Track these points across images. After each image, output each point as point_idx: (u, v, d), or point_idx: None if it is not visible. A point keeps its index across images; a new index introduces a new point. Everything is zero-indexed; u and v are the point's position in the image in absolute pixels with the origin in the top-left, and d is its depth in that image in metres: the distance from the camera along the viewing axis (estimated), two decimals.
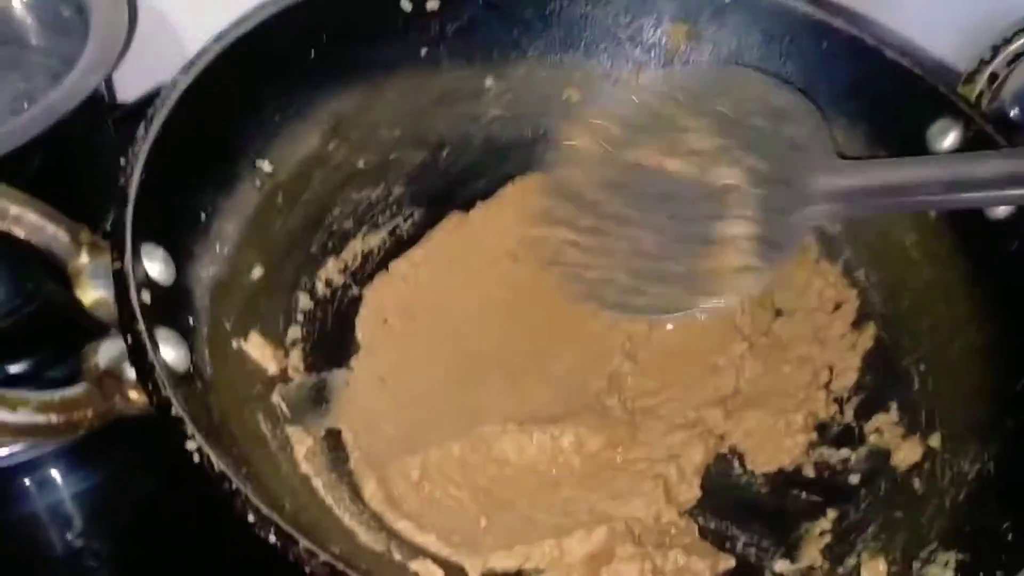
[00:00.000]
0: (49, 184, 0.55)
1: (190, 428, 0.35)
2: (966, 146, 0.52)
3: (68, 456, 0.55)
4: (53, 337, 0.59)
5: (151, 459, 0.55)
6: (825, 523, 0.48)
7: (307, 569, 0.33)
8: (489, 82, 0.60)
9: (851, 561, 0.44)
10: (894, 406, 0.52)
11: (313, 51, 0.54)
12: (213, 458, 0.35)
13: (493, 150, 0.61)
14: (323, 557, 0.33)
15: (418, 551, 0.44)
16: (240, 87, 0.50)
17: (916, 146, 0.54)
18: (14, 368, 0.57)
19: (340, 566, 0.33)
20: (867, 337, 0.55)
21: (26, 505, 0.55)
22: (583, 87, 0.62)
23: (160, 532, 0.54)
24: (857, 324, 0.56)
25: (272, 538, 0.33)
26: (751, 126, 0.52)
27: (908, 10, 0.63)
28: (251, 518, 0.34)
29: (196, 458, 0.35)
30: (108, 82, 0.64)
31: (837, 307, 0.57)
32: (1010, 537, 0.40)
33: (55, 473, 0.55)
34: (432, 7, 0.57)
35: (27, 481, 0.55)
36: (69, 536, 0.53)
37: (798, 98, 0.55)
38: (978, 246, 0.51)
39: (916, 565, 0.42)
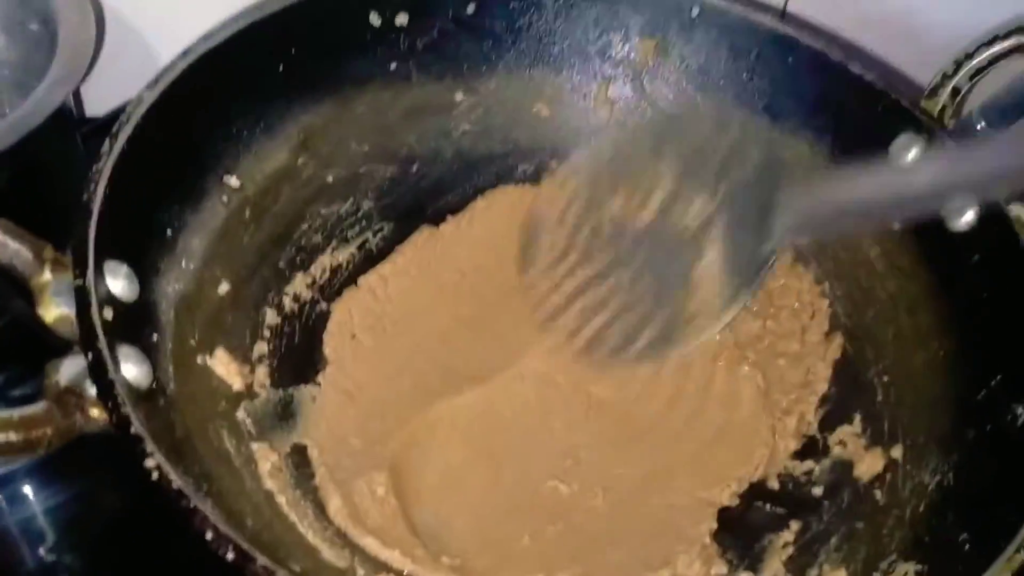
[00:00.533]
0: (17, 199, 0.55)
1: (149, 446, 0.35)
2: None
3: (40, 471, 0.55)
4: (19, 355, 0.58)
5: (123, 474, 0.55)
6: (788, 535, 0.48)
7: None
8: (459, 96, 0.61)
9: (813, 572, 0.45)
10: (857, 417, 0.52)
11: (281, 66, 0.54)
12: (172, 476, 0.35)
13: (463, 164, 0.61)
14: (280, 574, 0.33)
15: (382, 567, 0.44)
16: (207, 102, 0.50)
17: (879, 159, 0.54)
18: None
19: None
20: (835, 348, 0.55)
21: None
22: (553, 102, 0.62)
23: (132, 547, 0.54)
24: (827, 334, 0.56)
25: (230, 555, 0.33)
26: (710, 163, 0.51)
27: (873, 25, 0.64)
28: (209, 535, 0.34)
29: (155, 476, 0.35)
30: (77, 96, 0.64)
31: (812, 316, 0.57)
32: (967, 548, 0.40)
33: (27, 488, 0.55)
34: (401, 22, 0.57)
35: None
36: (41, 551, 0.53)
37: (746, 129, 0.54)
38: (941, 258, 0.52)
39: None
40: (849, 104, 0.56)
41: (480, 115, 0.61)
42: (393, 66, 0.58)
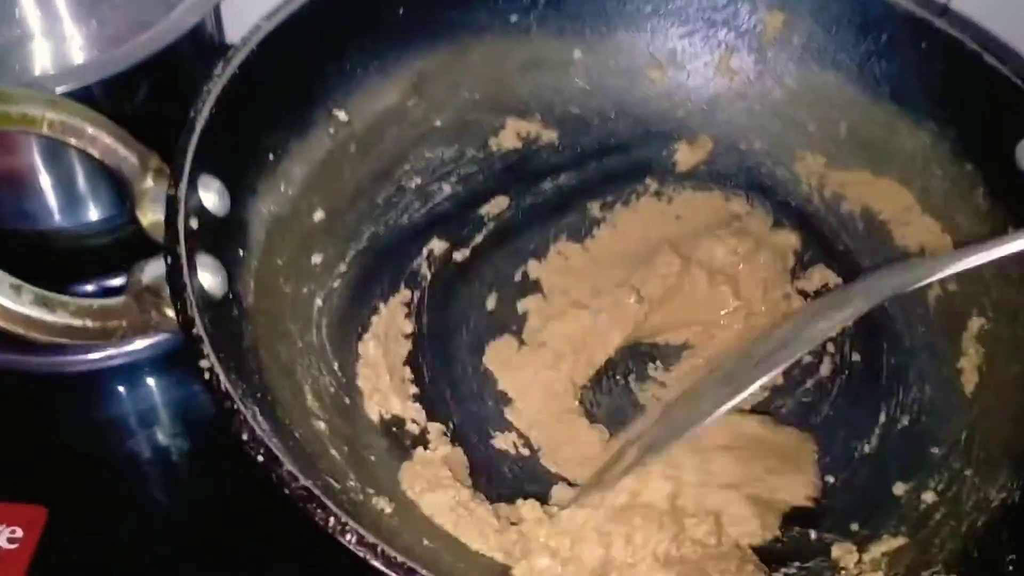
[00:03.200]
0: (157, 116, 0.58)
1: (206, 348, 0.38)
2: None
3: (160, 363, 0.58)
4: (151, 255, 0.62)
5: None
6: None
7: (286, 491, 0.35)
8: (577, 54, 0.61)
9: (851, 570, 0.43)
10: None
11: (402, 8, 0.55)
12: (221, 377, 0.37)
13: (572, 123, 0.61)
14: (302, 482, 0.35)
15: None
16: (324, 37, 0.52)
17: (1003, 159, 0.52)
18: (113, 282, 0.61)
19: (316, 492, 0.35)
20: None
21: (118, 407, 0.58)
22: (671, 67, 0.61)
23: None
24: None
25: (260, 458, 0.35)
26: None
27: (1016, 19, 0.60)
28: (244, 437, 0.36)
29: (207, 376, 0.37)
30: (219, 22, 0.67)
31: None
32: (1011, 569, 0.38)
33: (148, 379, 0.58)
34: None
35: (120, 386, 0.58)
36: (159, 437, 0.56)
37: None
38: None
39: None
40: (979, 97, 0.53)
41: (596, 75, 0.61)
42: (514, 18, 0.59)
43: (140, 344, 0.57)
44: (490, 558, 0.42)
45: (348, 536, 0.34)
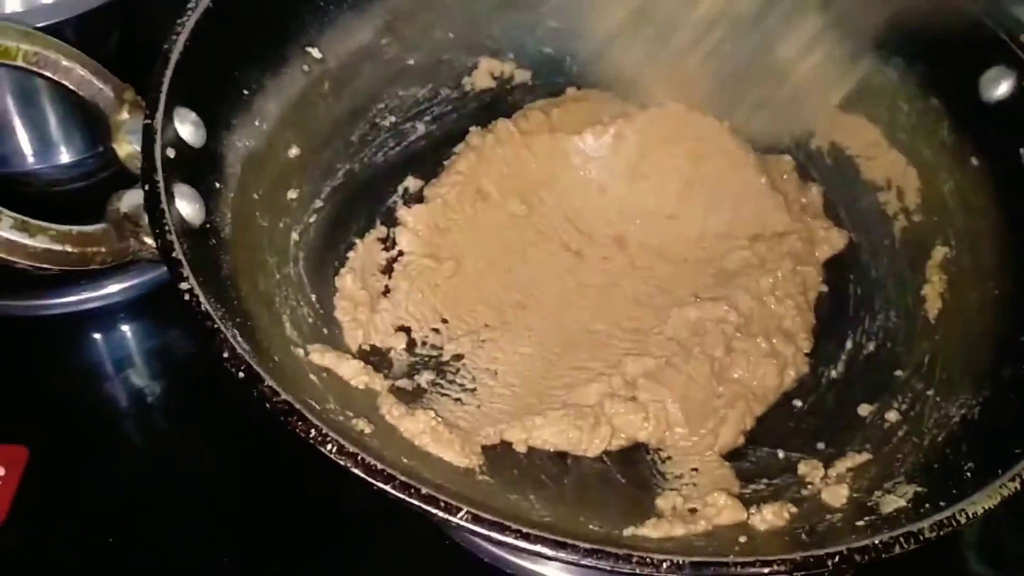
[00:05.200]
0: (130, 53, 0.58)
1: (186, 271, 0.38)
2: (1019, 96, 0.51)
3: (136, 306, 0.59)
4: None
5: None
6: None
7: (267, 405, 0.36)
8: None
9: (817, 484, 0.45)
10: None
11: None
12: (201, 299, 0.38)
13: (545, 63, 0.62)
14: (283, 396, 0.36)
15: None
16: None
17: (968, 91, 0.53)
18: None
19: (297, 405, 0.35)
20: None
21: (96, 350, 0.59)
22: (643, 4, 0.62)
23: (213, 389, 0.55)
24: None
25: (241, 375, 0.36)
26: None
27: None
28: (225, 354, 0.36)
29: (186, 297, 0.38)
30: None
31: None
32: (967, 476, 0.40)
33: (125, 322, 0.59)
34: None
35: (97, 330, 0.59)
36: (136, 379, 0.57)
37: None
38: (1013, 197, 0.51)
39: (877, 494, 0.42)
40: (946, 30, 0.54)
41: (568, 15, 0.61)
42: None
43: (116, 287, 0.58)
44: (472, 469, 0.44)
45: (329, 446, 0.35)
